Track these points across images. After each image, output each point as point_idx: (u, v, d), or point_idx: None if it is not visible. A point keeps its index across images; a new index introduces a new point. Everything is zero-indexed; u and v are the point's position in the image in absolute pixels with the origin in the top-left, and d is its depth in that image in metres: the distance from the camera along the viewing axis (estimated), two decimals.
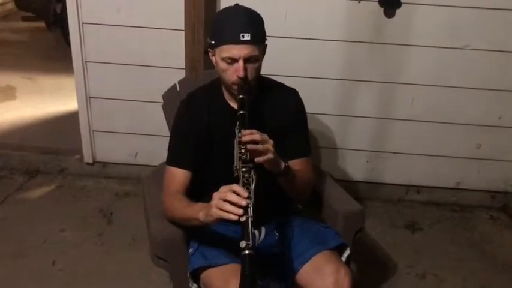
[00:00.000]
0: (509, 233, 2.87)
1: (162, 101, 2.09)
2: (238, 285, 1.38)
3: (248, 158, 1.37)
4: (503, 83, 2.74)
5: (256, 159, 1.38)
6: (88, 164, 3.10)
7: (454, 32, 2.64)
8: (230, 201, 1.29)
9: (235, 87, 1.51)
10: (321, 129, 2.87)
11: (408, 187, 3.08)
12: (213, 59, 1.56)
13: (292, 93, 1.72)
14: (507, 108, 2.81)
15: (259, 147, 1.38)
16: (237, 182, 1.34)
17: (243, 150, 1.36)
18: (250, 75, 1.50)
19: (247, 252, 1.23)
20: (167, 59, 2.72)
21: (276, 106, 1.65)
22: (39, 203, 2.87)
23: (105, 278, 2.28)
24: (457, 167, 2.99)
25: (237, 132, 1.41)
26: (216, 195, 1.33)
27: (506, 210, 3.05)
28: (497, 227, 2.92)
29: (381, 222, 2.85)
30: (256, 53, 1.48)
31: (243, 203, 1.27)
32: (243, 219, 1.26)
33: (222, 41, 1.47)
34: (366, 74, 2.76)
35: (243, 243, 1.24)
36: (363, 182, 3.06)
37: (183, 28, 2.51)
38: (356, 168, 3.02)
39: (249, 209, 1.27)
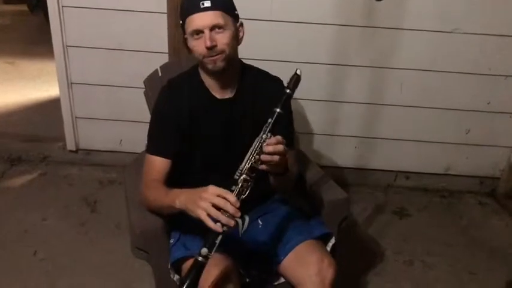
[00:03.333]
0: (497, 218, 2.86)
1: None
2: (220, 276, 1.38)
3: (258, 166, 1.30)
4: (492, 67, 2.71)
5: (261, 167, 1.30)
6: (71, 151, 3.04)
7: (443, 16, 2.60)
8: (220, 208, 1.23)
9: (208, 60, 1.47)
10: (309, 115, 2.83)
11: (397, 173, 3.06)
12: (188, 44, 1.52)
13: (277, 82, 1.65)
14: (496, 93, 2.78)
15: (275, 159, 1.31)
16: (228, 179, 1.29)
17: (258, 156, 1.29)
18: (220, 45, 1.44)
19: (200, 259, 1.23)
20: (150, 43, 2.65)
21: (259, 96, 1.60)
22: (21, 191, 2.81)
23: (88, 268, 2.24)
24: (446, 153, 2.97)
25: (264, 133, 1.31)
26: (205, 196, 1.25)
27: (494, 195, 3.05)
28: (486, 212, 2.92)
29: (368, 208, 2.84)
30: (220, 20, 1.43)
31: (232, 223, 1.22)
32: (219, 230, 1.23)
33: (185, 15, 1.46)
34: (355, 58, 2.72)
35: (204, 251, 1.23)
36: (351, 168, 3.03)
37: (166, 11, 2.44)
38: (344, 154, 2.99)
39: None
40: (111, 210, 2.63)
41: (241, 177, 1.28)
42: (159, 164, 1.55)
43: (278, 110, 1.33)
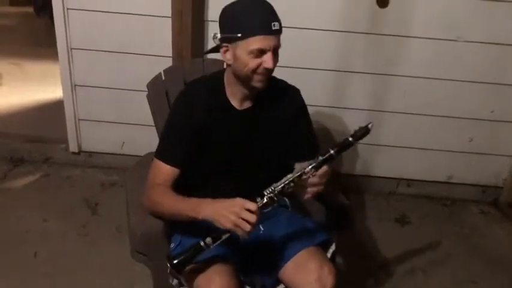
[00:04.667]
0: (499, 227, 2.85)
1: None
2: (221, 283, 1.38)
3: (289, 191, 1.35)
4: (496, 76, 2.71)
5: (306, 198, 1.39)
6: (74, 153, 3.05)
7: (448, 24, 2.60)
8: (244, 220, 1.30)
9: (259, 77, 1.44)
10: (311, 121, 2.82)
11: (399, 180, 3.05)
12: (226, 54, 1.46)
13: (296, 93, 1.66)
14: (500, 101, 2.78)
15: (319, 190, 1.37)
16: (237, 185, 1.44)
17: (292, 184, 1.34)
18: (273, 66, 1.44)
19: (202, 244, 1.33)
20: (154, 46, 2.66)
21: (276, 106, 1.59)
22: (23, 192, 2.81)
23: (88, 270, 2.24)
24: (449, 161, 2.96)
25: (310, 165, 1.35)
26: (235, 210, 1.30)
27: (496, 204, 3.03)
28: (488, 221, 2.91)
29: (370, 216, 2.83)
30: (280, 43, 1.43)
31: (249, 228, 1.29)
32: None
33: (251, 32, 1.38)
34: (358, 65, 2.72)
35: (209, 240, 1.32)
36: (353, 174, 3.02)
37: (170, 15, 2.46)
38: (347, 160, 2.98)
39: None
40: (112, 213, 2.63)
41: (270, 195, 1.34)
42: (167, 171, 1.52)
43: (332, 152, 1.36)
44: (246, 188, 1.53)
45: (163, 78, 1.99)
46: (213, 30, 2.65)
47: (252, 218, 1.28)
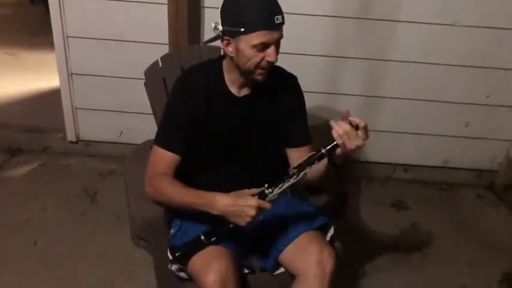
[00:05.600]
0: (495, 211, 2.88)
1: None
2: (219, 267, 1.40)
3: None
4: (492, 60, 2.72)
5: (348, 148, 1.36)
6: (71, 142, 3.05)
7: (443, 8, 2.59)
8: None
9: (262, 71, 1.44)
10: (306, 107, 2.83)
11: (395, 165, 3.07)
12: (228, 47, 1.44)
13: (292, 79, 1.67)
14: (495, 86, 2.79)
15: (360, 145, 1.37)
16: (238, 171, 1.55)
17: (301, 174, 1.39)
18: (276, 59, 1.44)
19: (202, 238, 1.44)
20: (151, 34, 2.65)
21: (274, 93, 1.59)
22: (22, 181, 2.82)
23: (87, 258, 2.26)
24: (445, 146, 2.98)
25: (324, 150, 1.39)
26: (247, 210, 1.36)
27: (492, 188, 3.06)
28: (484, 205, 2.94)
29: (367, 201, 2.85)
30: (282, 33, 1.42)
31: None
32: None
33: (255, 27, 1.36)
34: (352, 50, 2.72)
35: (209, 234, 1.45)
36: (349, 160, 3.03)
37: (166, 2, 2.44)
38: None
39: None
40: (111, 201, 2.64)
41: (279, 191, 1.40)
42: (168, 158, 1.52)
43: (323, 150, 1.39)
44: (245, 173, 1.57)
45: (160, 65, 1.99)
46: (209, 16, 2.68)
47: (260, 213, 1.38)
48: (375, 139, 2.95)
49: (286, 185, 1.40)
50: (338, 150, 1.40)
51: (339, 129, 1.34)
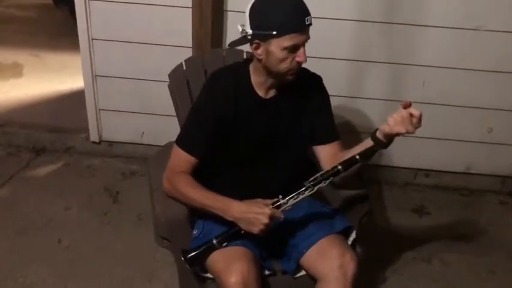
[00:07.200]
0: None
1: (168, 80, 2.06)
2: (241, 268, 1.41)
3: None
4: None
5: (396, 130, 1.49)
6: (94, 142, 3.09)
7: (468, 12, 2.57)
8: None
9: (292, 71, 1.46)
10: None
11: (417, 171, 3.04)
12: (257, 51, 1.45)
13: (317, 80, 1.67)
14: None
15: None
16: (258, 174, 1.57)
17: (316, 188, 1.45)
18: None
19: (214, 241, 1.48)
20: (174, 37, 2.68)
21: (299, 94, 1.60)
22: (45, 181, 2.87)
23: (110, 257, 2.29)
24: (467, 151, 2.94)
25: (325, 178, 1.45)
26: (261, 219, 1.40)
27: None
28: (506, 212, 2.89)
29: (388, 206, 2.83)
30: (309, 33, 1.44)
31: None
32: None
33: (287, 30, 1.37)
34: (376, 54, 2.71)
35: (222, 239, 1.48)
36: (371, 164, 3.01)
37: (190, 6, 2.47)
38: None
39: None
40: (133, 201, 2.67)
41: (292, 202, 1.45)
42: (186, 159, 1.54)
43: (340, 167, 1.47)
44: (263, 177, 1.57)
45: (184, 68, 2.01)
46: (233, 20, 2.69)
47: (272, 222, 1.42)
48: (396, 143, 2.93)
49: (301, 197, 1.44)
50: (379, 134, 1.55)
51: (397, 114, 1.42)
